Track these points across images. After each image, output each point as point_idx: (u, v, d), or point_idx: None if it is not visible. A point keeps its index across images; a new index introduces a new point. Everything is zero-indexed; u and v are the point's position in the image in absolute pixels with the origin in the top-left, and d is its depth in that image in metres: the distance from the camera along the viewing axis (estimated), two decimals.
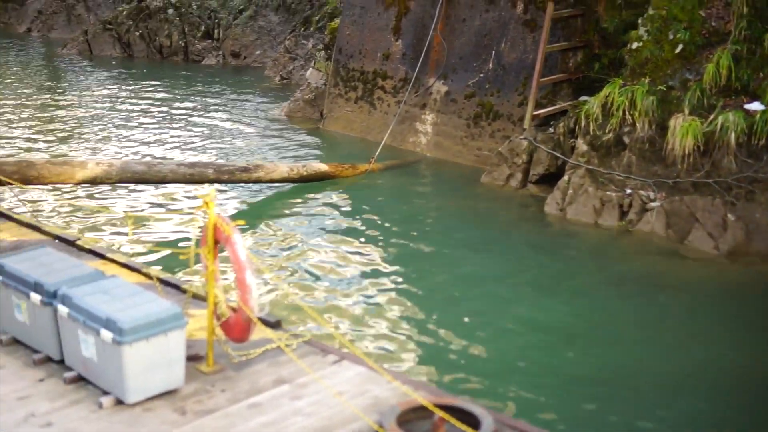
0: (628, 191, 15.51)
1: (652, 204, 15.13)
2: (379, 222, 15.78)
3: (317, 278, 13.07)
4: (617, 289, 13.24)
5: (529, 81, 18.14)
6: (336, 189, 17.49)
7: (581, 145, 16.31)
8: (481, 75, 19.68)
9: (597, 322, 12.10)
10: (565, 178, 16.36)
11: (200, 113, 24.79)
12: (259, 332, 7.83)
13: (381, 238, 14.90)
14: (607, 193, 15.73)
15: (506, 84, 19.24)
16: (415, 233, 15.29)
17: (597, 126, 16.06)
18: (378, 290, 12.72)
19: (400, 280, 13.16)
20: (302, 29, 30.77)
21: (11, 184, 13.33)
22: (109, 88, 28.65)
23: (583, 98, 17.19)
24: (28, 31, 41.69)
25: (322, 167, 17.82)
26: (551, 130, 17.68)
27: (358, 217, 16.04)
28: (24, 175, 13.56)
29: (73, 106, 25.80)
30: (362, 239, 14.84)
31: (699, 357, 11.15)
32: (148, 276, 9.60)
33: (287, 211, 16.26)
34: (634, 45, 16.19)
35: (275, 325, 8.50)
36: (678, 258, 14.27)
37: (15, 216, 12.09)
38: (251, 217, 15.69)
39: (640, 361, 11.03)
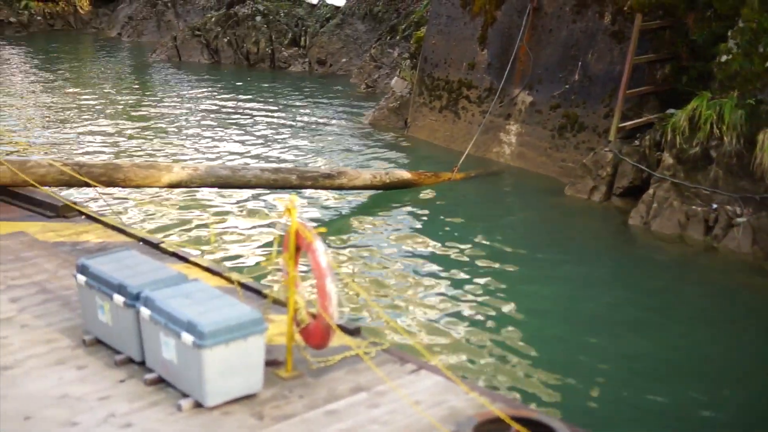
0: (714, 206, 15.28)
1: (739, 219, 14.89)
2: (460, 231, 15.75)
3: (397, 286, 13.07)
4: (696, 302, 13.08)
5: (616, 93, 17.94)
6: (418, 197, 17.49)
7: (667, 159, 16.10)
8: (567, 86, 19.53)
9: (675, 333, 11.95)
10: (650, 191, 16.17)
11: (285, 120, 24.96)
12: (338, 339, 7.85)
13: (462, 247, 14.86)
14: (693, 207, 15.51)
15: (592, 95, 19.06)
16: (496, 243, 15.21)
17: (684, 139, 15.84)
18: (457, 299, 12.68)
19: (479, 289, 13.11)
20: (388, 38, 30.84)
21: (98, 186, 13.54)
22: (196, 94, 28.99)
23: (670, 111, 16.95)
24: (118, 36, 42.37)
25: (405, 175, 17.82)
26: (637, 142, 17.46)
27: (439, 225, 16.02)
28: (111, 178, 13.76)
29: (160, 111, 26.14)
30: (443, 248, 14.81)
31: None
32: (229, 280, 9.69)
33: (369, 219, 16.29)
34: (723, 58, 15.93)
35: (354, 332, 8.52)
36: (763, 275, 14.02)
37: (101, 218, 12.29)
38: (333, 223, 15.76)
39: (720, 367, 10.91)
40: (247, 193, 16.85)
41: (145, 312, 7.58)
